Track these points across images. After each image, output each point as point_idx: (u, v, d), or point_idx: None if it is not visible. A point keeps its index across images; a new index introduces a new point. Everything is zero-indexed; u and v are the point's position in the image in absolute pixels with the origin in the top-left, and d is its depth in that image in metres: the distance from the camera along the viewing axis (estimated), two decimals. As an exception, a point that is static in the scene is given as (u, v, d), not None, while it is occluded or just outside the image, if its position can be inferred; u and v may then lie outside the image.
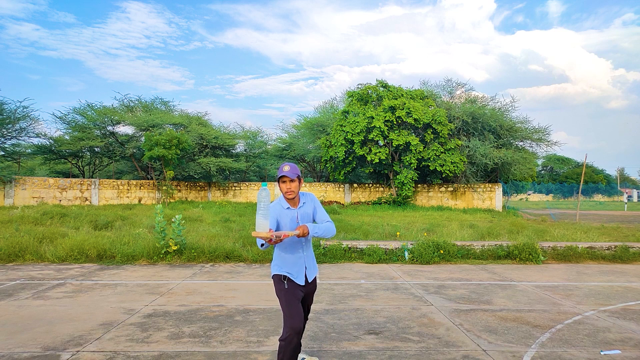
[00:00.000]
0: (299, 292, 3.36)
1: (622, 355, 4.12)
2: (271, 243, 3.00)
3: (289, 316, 3.24)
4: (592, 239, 11.45)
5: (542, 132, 27.79)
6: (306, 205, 3.45)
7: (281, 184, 3.31)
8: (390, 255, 9.52)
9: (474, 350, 4.21)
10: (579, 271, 8.63)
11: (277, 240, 2.98)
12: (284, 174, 3.25)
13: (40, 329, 4.76)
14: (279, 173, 3.27)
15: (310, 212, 3.46)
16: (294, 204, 3.40)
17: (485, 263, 9.36)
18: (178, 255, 9.21)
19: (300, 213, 3.39)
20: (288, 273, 3.36)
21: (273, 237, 2.93)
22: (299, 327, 3.22)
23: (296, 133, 35.35)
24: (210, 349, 4.20)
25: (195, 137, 28.62)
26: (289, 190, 3.30)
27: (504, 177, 29.05)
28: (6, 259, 8.96)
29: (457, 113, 26.52)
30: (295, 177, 3.29)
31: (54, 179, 24.57)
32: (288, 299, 3.29)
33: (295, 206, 3.40)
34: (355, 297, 6.27)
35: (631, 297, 6.50)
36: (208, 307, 5.72)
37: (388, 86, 27.92)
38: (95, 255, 9.15)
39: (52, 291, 6.50)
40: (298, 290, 3.36)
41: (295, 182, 3.31)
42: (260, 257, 9.23)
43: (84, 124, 28.33)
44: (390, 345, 4.35)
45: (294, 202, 3.39)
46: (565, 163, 66.24)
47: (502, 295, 6.53)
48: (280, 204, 3.39)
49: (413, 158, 25.53)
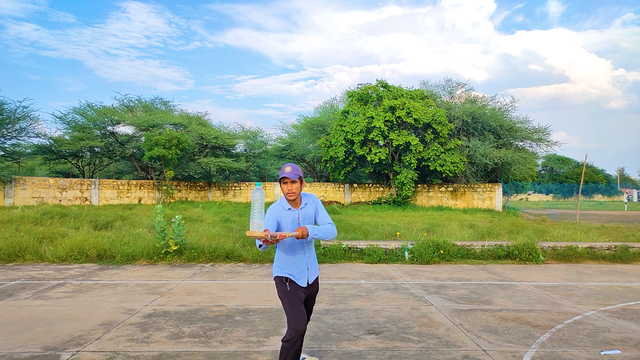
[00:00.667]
0: (301, 294, 3.36)
1: (622, 355, 4.13)
2: (267, 243, 2.98)
3: (292, 318, 3.24)
4: (592, 239, 11.45)
5: (542, 132, 27.78)
6: (308, 207, 3.43)
7: (282, 184, 3.30)
8: (390, 255, 9.52)
9: (474, 350, 4.21)
10: (579, 271, 8.63)
11: (273, 241, 2.95)
12: (285, 175, 3.24)
13: (40, 329, 4.76)
14: (280, 174, 3.27)
15: (312, 213, 3.44)
16: (295, 205, 3.39)
17: (485, 263, 9.36)
18: (178, 255, 9.21)
19: (301, 214, 3.38)
20: (290, 275, 3.35)
21: (268, 237, 2.90)
22: (302, 328, 3.23)
23: (296, 133, 35.35)
24: (210, 349, 4.20)
25: (195, 137, 28.61)
26: (290, 191, 3.30)
27: (504, 177, 29.04)
28: (6, 259, 8.96)
29: (457, 113, 26.51)
30: (297, 178, 3.28)
31: (54, 179, 24.56)
32: (291, 301, 3.29)
33: (296, 207, 3.39)
34: (355, 297, 6.27)
35: (631, 297, 6.51)
36: (208, 307, 5.72)
37: (388, 86, 27.91)
38: (95, 255, 9.16)
39: (52, 291, 6.50)
40: (300, 292, 3.36)
41: (296, 183, 3.30)
42: (260, 257, 9.24)
43: (84, 124, 28.31)
44: (390, 345, 4.35)
45: (295, 203, 3.39)
46: (565, 163, 66.24)
47: (502, 295, 6.53)
48: (282, 205, 3.38)
49: (413, 158, 25.53)
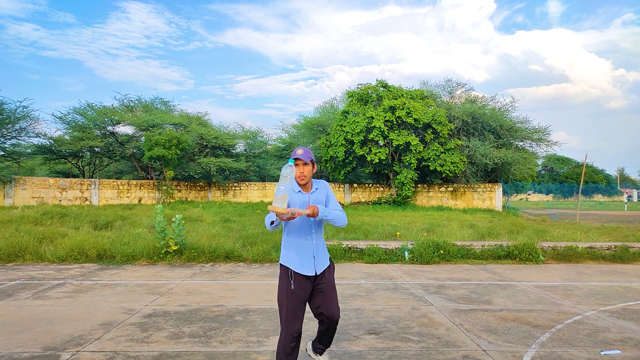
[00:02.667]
0: (305, 292, 3.21)
1: (622, 355, 4.12)
2: (283, 219, 2.93)
3: (287, 321, 3.14)
4: (592, 239, 11.45)
5: (542, 132, 27.80)
6: (319, 192, 3.34)
7: (295, 167, 3.19)
8: (390, 255, 9.52)
9: (474, 350, 4.21)
10: (579, 271, 8.63)
11: (290, 217, 2.92)
12: (297, 157, 3.16)
13: (40, 329, 4.76)
14: (293, 155, 3.17)
15: (323, 199, 3.34)
16: (306, 189, 3.30)
17: (485, 263, 9.36)
18: (178, 255, 9.21)
19: (312, 198, 3.27)
20: (295, 264, 3.20)
21: (288, 213, 2.88)
22: (299, 331, 3.14)
23: (296, 133, 35.37)
24: (210, 349, 4.20)
25: (195, 137, 28.62)
26: (301, 174, 3.21)
27: (504, 177, 29.05)
28: (6, 259, 8.96)
29: (457, 113, 26.52)
30: (309, 161, 3.19)
31: (54, 179, 24.56)
32: (290, 302, 3.16)
33: (307, 191, 3.30)
34: (355, 297, 6.27)
35: (631, 297, 6.51)
36: (208, 307, 5.72)
37: (388, 86, 27.92)
38: (95, 255, 9.16)
39: (52, 291, 6.50)
40: (305, 289, 3.21)
41: (308, 166, 3.21)
42: (260, 257, 9.24)
43: (84, 124, 28.32)
44: (390, 345, 4.35)
45: (306, 187, 3.30)
46: (565, 163, 66.27)
47: (502, 295, 6.53)
48: (292, 187, 3.23)
49: (413, 158, 25.53)
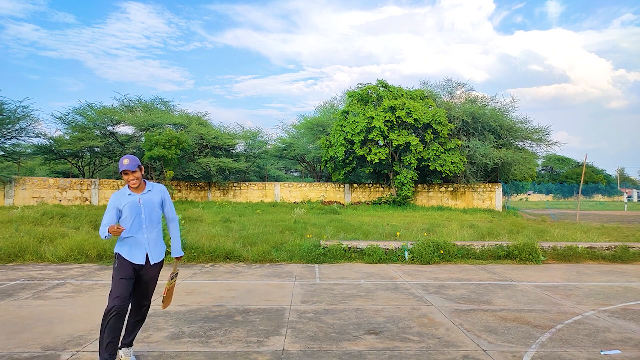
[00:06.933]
0: (129, 270, 3.66)
1: (622, 355, 4.12)
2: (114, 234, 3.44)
3: (113, 290, 3.57)
4: (592, 239, 11.45)
5: (542, 132, 27.80)
6: (152, 194, 3.82)
7: (124, 176, 3.71)
8: (390, 255, 9.52)
9: (474, 350, 4.21)
10: (579, 271, 8.63)
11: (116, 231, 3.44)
12: (125, 168, 3.65)
13: (40, 329, 4.76)
14: (120, 167, 3.66)
15: (157, 201, 3.83)
16: (137, 190, 3.78)
17: (485, 263, 9.36)
18: (178, 255, 9.20)
19: (143, 198, 3.76)
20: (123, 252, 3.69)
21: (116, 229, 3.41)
22: (122, 305, 3.52)
23: (296, 133, 35.36)
24: (210, 349, 4.20)
25: (195, 137, 28.61)
26: (133, 181, 3.72)
27: (504, 177, 29.05)
28: (6, 259, 8.96)
29: (457, 113, 26.52)
30: (136, 168, 3.71)
31: (54, 179, 24.58)
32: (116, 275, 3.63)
33: (139, 192, 3.78)
34: (355, 297, 6.27)
35: (631, 297, 6.51)
36: (208, 307, 5.72)
37: (388, 86, 27.91)
38: (95, 255, 9.15)
39: (52, 291, 6.50)
40: (129, 269, 3.67)
41: (136, 172, 3.72)
42: (260, 257, 9.24)
43: (84, 124, 28.31)
44: (390, 345, 4.35)
45: (137, 189, 3.78)
46: (566, 163, 66.26)
47: (502, 295, 6.53)
48: (122, 192, 3.76)
49: (413, 158, 25.53)
